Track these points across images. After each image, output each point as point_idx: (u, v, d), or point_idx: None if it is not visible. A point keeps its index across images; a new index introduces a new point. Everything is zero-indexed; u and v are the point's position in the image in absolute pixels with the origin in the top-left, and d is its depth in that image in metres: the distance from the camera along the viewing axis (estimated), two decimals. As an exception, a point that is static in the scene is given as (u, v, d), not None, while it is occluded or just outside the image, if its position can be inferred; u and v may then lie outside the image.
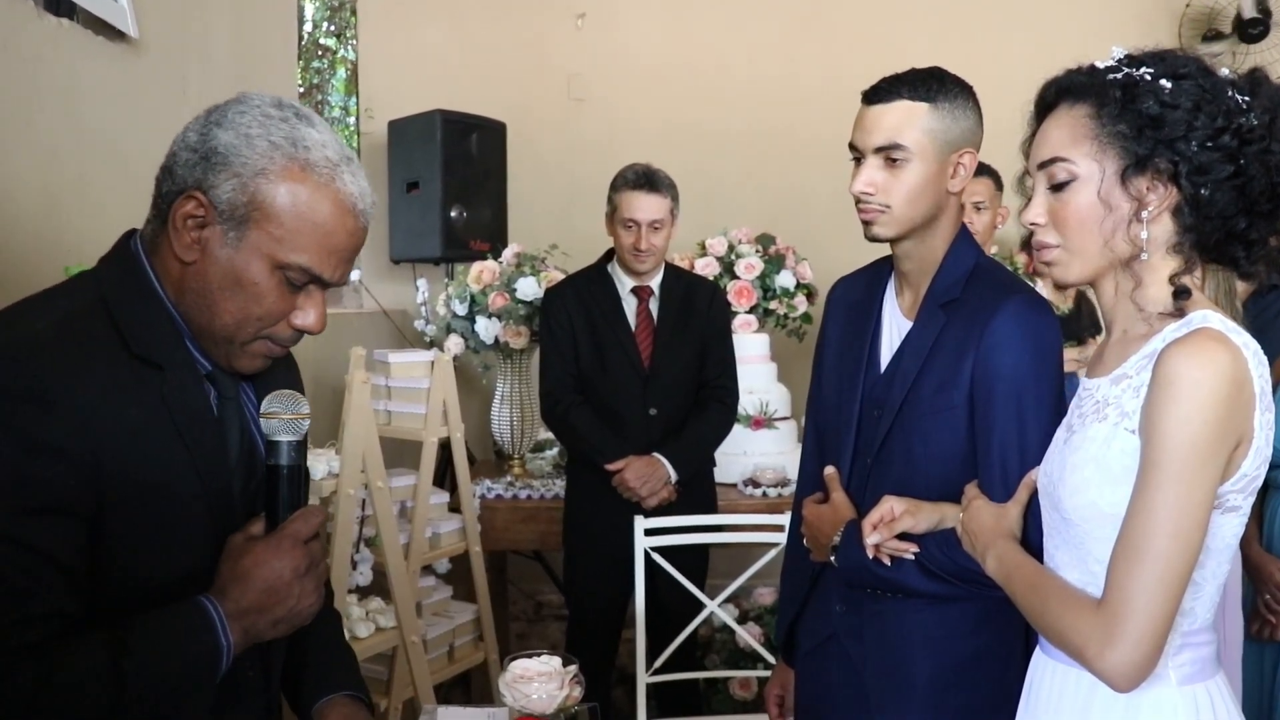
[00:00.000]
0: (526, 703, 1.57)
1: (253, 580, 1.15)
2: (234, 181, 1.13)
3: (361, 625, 2.54)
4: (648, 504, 2.81)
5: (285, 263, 1.15)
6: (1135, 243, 1.22)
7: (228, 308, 1.16)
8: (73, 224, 2.00)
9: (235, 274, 1.15)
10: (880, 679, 1.65)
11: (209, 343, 1.20)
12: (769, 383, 3.67)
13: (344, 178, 1.17)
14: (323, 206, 1.15)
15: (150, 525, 1.12)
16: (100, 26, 2.09)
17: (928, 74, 1.60)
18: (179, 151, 1.16)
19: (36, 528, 1.03)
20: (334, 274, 1.19)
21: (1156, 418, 1.13)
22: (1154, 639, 1.12)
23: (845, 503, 1.68)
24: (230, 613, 1.13)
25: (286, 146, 1.14)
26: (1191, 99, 1.17)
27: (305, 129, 1.16)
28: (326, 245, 1.17)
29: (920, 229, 1.62)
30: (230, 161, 1.13)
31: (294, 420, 1.22)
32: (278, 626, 1.18)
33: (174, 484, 1.14)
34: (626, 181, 2.87)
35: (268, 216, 1.14)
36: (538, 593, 4.56)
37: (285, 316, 1.19)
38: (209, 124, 1.15)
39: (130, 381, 1.11)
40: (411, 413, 2.87)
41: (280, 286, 1.17)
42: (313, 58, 5.16)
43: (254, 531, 1.21)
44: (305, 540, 1.20)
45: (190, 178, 1.14)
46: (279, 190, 1.14)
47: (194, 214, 1.14)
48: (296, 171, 1.14)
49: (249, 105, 1.16)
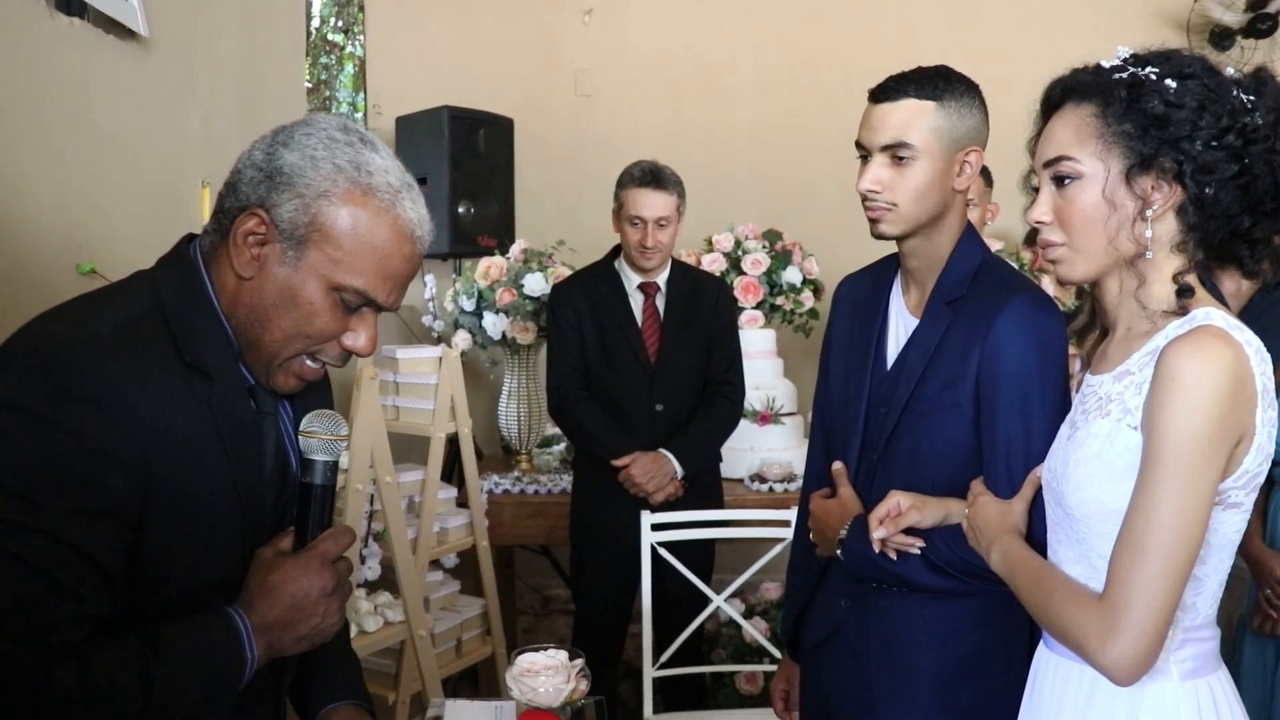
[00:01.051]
0: (533, 696, 1.58)
1: (280, 596, 1.16)
2: (297, 202, 1.14)
3: (370, 619, 2.56)
4: (654, 499, 2.82)
5: (341, 284, 1.16)
6: (1140, 241, 1.22)
7: (281, 324, 1.18)
8: (83, 221, 2.02)
9: (291, 292, 1.16)
10: (885, 673, 1.66)
11: (254, 356, 1.21)
12: (775, 378, 3.68)
13: (404, 204, 1.19)
14: (382, 231, 1.17)
15: (187, 533, 1.13)
16: (111, 25, 2.10)
17: (934, 72, 1.60)
18: (244, 169, 1.18)
19: (85, 529, 1.04)
20: (388, 298, 1.20)
21: (1159, 414, 1.14)
22: (1155, 633, 1.13)
23: (852, 497, 1.69)
24: (257, 626, 1.14)
25: (350, 170, 1.16)
26: (1196, 98, 1.18)
27: (369, 154, 1.18)
28: (383, 269, 1.18)
29: (926, 227, 1.62)
30: (294, 182, 1.14)
31: (332, 441, 1.24)
32: (300, 643, 1.19)
33: (213, 494, 1.15)
34: (633, 179, 2.87)
35: (327, 238, 1.15)
36: (544, 587, 4.57)
37: (337, 337, 1.21)
38: (275, 144, 1.17)
39: (181, 390, 1.12)
40: (419, 408, 2.88)
41: (334, 308, 1.18)
42: (320, 53, 5.17)
43: (283, 546, 1.22)
44: (333, 560, 1.22)
45: (254, 195, 1.15)
46: (340, 213, 1.15)
47: (255, 231, 1.15)
48: (358, 195, 1.16)
49: (315, 128, 1.18)
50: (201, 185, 2.50)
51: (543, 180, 4.52)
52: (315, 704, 1.40)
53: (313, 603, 1.18)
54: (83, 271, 1.97)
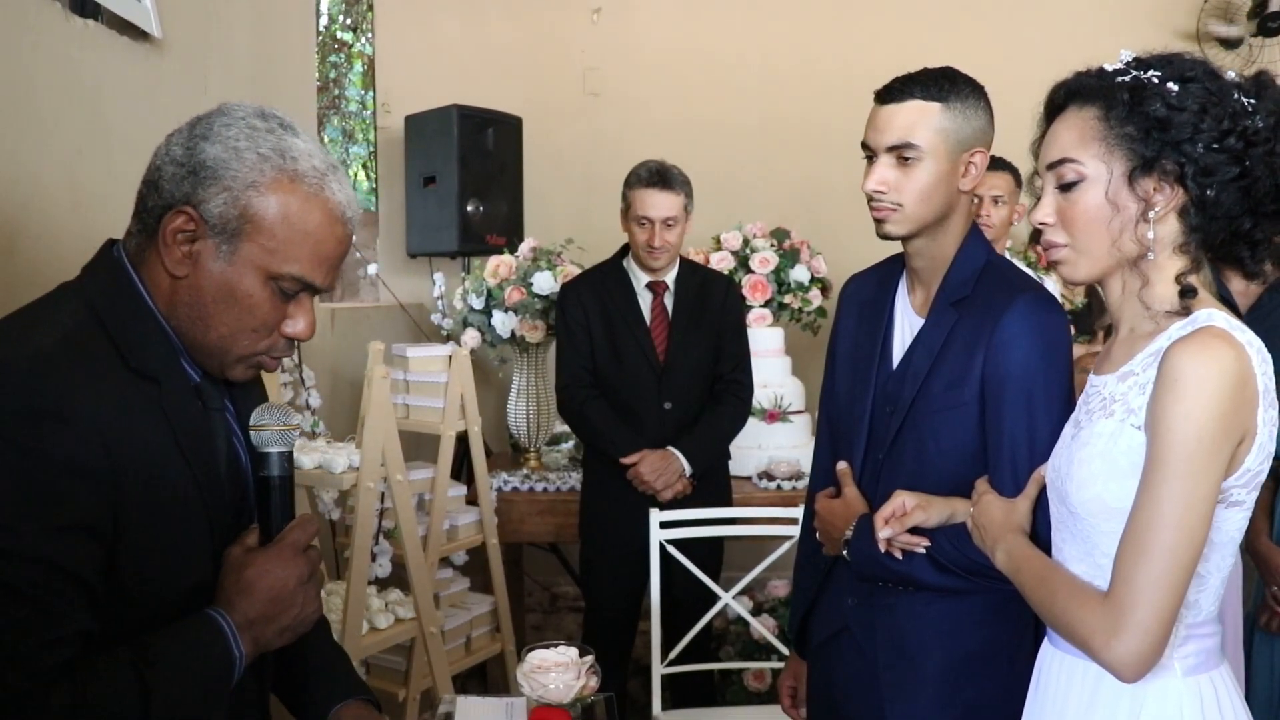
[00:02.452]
0: (544, 693, 1.59)
1: (258, 591, 1.17)
2: (225, 195, 1.13)
3: (381, 616, 2.58)
4: (662, 497, 2.82)
5: (279, 273, 1.16)
6: (1142, 243, 1.23)
7: (223, 320, 1.17)
8: (98, 221, 2.03)
9: (229, 287, 1.15)
10: (891, 671, 1.67)
11: (201, 355, 1.20)
12: (783, 376, 3.69)
13: (331, 186, 1.18)
14: (313, 216, 1.16)
15: (159, 538, 1.12)
16: (124, 27, 2.12)
17: (940, 74, 1.61)
18: (164, 165, 1.15)
19: (64, 546, 1.03)
20: (325, 280, 1.20)
21: (1162, 414, 1.15)
22: (1159, 630, 1.14)
23: (857, 497, 1.70)
24: (239, 624, 1.15)
25: (275, 158, 1.15)
26: (1198, 102, 1.19)
27: (291, 139, 1.17)
28: (318, 254, 1.18)
29: (931, 227, 1.63)
30: (220, 175, 1.13)
31: (284, 431, 1.24)
32: (284, 634, 1.20)
33: (179, 498, 1.15)
34: (640, 179, 2.88)
35: (260, 229, 1.14)
36: (553, 584, 4.59)
37: (277, 326, 1.20)
38: (194, 137, 1.15)
39: (133, 396, 1.11)
40: (429, 406, 2.90)
41: (273, 297, 1.18)
42: (329, 52, 5.19)
43: (250, 543, 1.22)
44: (303, 549, 1.23)
45: (179, 192, 1.14)
46: (270, 202, 1.14)
47: (184, 228, 1.14)
48: (286, 183, 1.15)
49: (233, 117, 1.16)
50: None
51: (551, 179, 4.53)
52: (321, 704, 1.39)
53: (290, 593, 1.19)
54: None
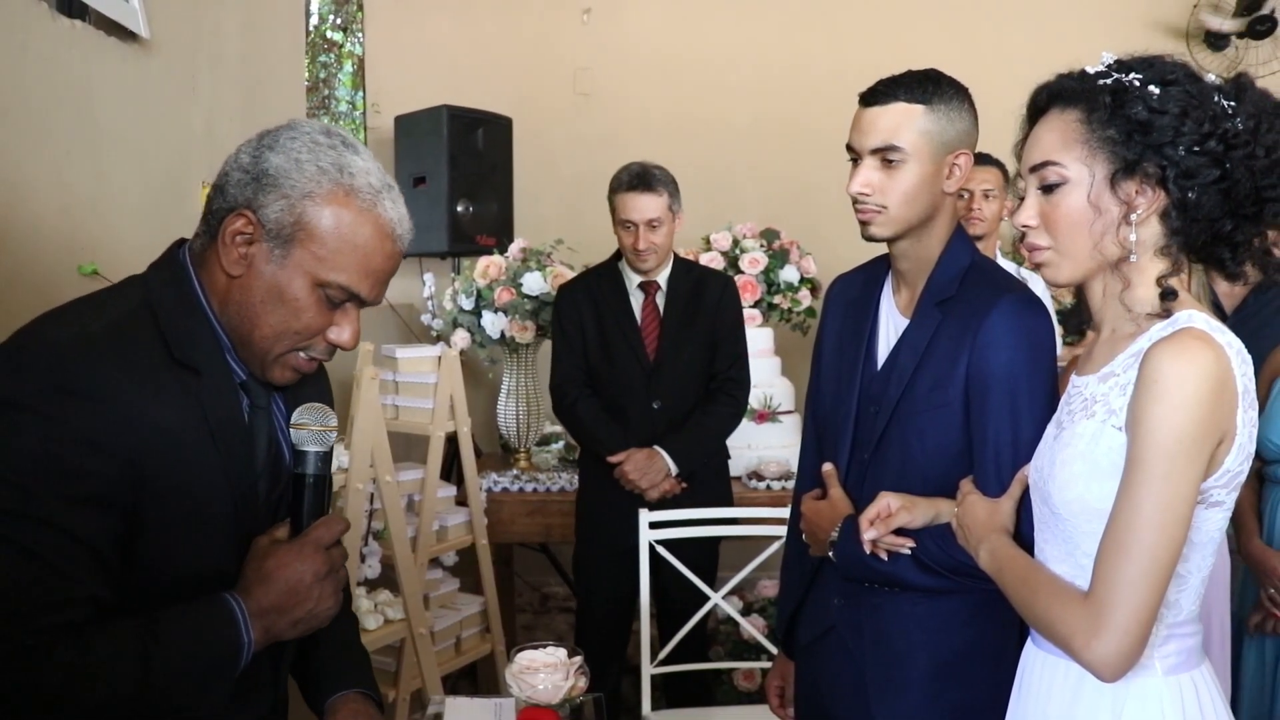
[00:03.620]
0: (533, 693, 1.59)
1: (275, 581, 1.21)
2: (282, 202, 1.19)
3: (370, 617, 2.58)
4: (649, 496, 2.82)
5: (326, 281, 1.22)
6: (1124, 245, 1.24)
7: (268, 320, 1.22)
8: (87, 222, 2.03)
9: (278, 289, 1.21)
10: (878, 670, 1.67)
11: (247, 353, 1.26)
12: (773, 376, 3.70)
13: (385, 204, 1.24)
14: (364, 230, 1.22)
15: (181, 522, 1.18)
16: (112, 27, 2.12)
17: (924, 76, 1.62)
18: (231, 171, 1.23)
19: (79, 516, 1.09)
20: (371, 293, 1.26)
21: (1142, 415, 1.16)
22: (1139, 629, 1.15)
23: (843, 498, 1.71)
24: (253, 611, 1.18)
25: (333, 172, 1.21)
26: (1179, 105, 1.20)
27: (351, 156, 1.23)
28: (365, 266, 1.23)
29: (916, 229, 1.64)
30: (280, 183, 1.20)
31: (322, 432, 1.29)
32: (296, 627, 1.24)
33: (204, 485, 1.20)
34: (621, 183, 2.87)
35: (312, 237, 1.20)
36: (543, 585, 4.59)
37: (322, 332, 1.25)
38: (261, 147, 1.22)
39: (171, 386, 1.17)
40: (419, 407, 2.90)
41: (319, 304, 1.23)
42: (319, 52, 5.18)
43: (278, 535, 1.27)
44: (327, 546, 1.26)
45: (241, 197, 1.20)
46: (324, 213, 1.20)
47: (243, 231, 1.20)
48: (341, 196, 1.21)
49: (299, 131, 1.23)
50: (202, 186, 2.52)
51: (541, 179, 4.54)
52: (324, 692, 1.43)
53: (307, 587, 1.23)
54: (85, 273, 1.99)
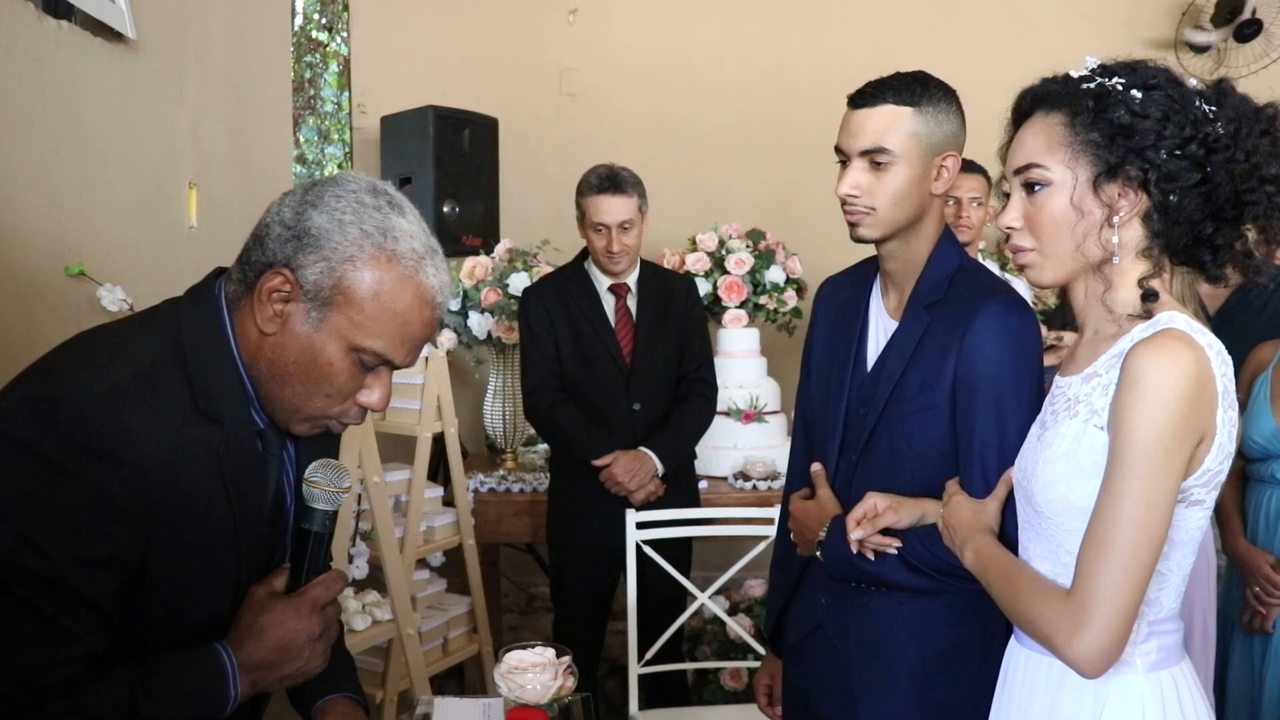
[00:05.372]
0: (521, 693, 1.59)
1: (268, 638, 1.20)
2: (322, 265, 1.16)
3: (358, 618, 2.58)
4: (636, 498, 2.82)
5: (361, 346, 1.19)
6: (1106, 247, 1.26)
7: (299, 381, 1.20)
8: (73, 224, 2.03)
9: (312, 352, 1.19)
10: (865, 669, 1.68)
11: (272, 407, 1.23)
12: (759, 377, 3.70)
13: (427, 270, 1.21)
14: (404, 297, 1.19)
15: (185, 576, 1.17)
16: (98, 28, 2.11)
17: (912, 78, 1.63)
18: (273, 224, 1.19)
19: (88, 576, 1.07)
20: (404, 359, 1.23)
21: (1123, 415, 1.18)
22: (1120, 627, 1.16)
23: (831, 499, 1.72)
24: (243, 665, 1.18)
25: (376, 235, 1.18)
26: (1161, 109, 1.21)
27: (396, 219, 1.20)
28: (402, 333, 1.20)
29: (905, 231, 1.65)
30: (321, 244, 1.16)
31: (335, 493, 1.27)
32: (283, 682, 1.24)
33: (214, 540, 1.19)
34: (591, 186, 2.88)
35: (350, 301, 1.17)
36: (530, 585, 4.59)
37: (352, 395, 1.23)
38: (305, 203, 1.19)
39: (192, 439, 1.15)
40: (406, 408, 2.89)
41: (353, 367, 1.21)
42: (305, 52, 5.17)
43: (276, 586, 1.26)
44: (323, 606, 1.26)
45: (281, 253, 1.17)
46: (364, 277, 1.17)
47: (280, 289, 1.17)
48: (383, 261, 1.18)
49: (345, 189, 1.20)
50: (189, 186, 2.52)
51: (527, 180, 4.53)
52: (311, 696, 1.43)
53: (299, 647, 1.22)
54: (71, 273, 1.99)
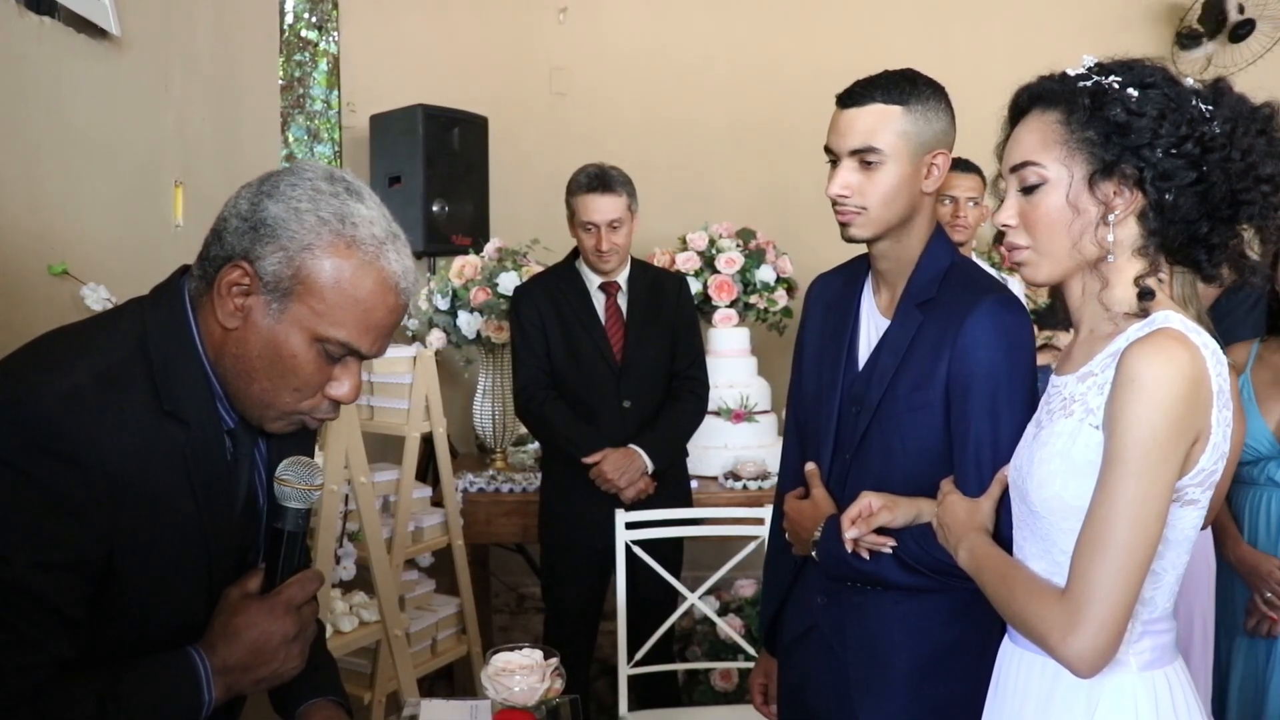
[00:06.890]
0: (509, 695, 1.59)
1: (242, 640, 1.18)
2: (280, 255, 1.14)
3: (345, 619, 2.56)
4: (626, 496, 2.82)
5: (325, 336, 1.16)
6: (1102, 245, 1.25)
7: (265, 375, 1.18)
8: (57, 223, 2.01)
9: (275, 344, 1.16)
10: (861, 668, 1.68)
11: (242, 405, 1.21)
12: (749, 376, 3.70)
13: (388, 255, 1.18)
14: (365, 283, 1.16)
15: (153, 578, 1.15)
16: (82, 24, 2.09)
17: (901, 76, 1.62)
18: (230, 218, 1.17)
19: (51, 581, 1.06)
20: (371, 348, 1.20)
21: (1118, 414, 1.17)
22: (1115, 626, 1.16)
23: (825, 498, 1.71)
24: (216, 668, 1.16)
25: (334, 222, 1.15)
26: (1157, 107, 1.21)
27: (354, 205, 1.17)
28: (366, 321, 1.18)
29: (896, 229, 1.64)
30: (278, 234, 1.14)
31: (306, 490, 1.25)
32: (259, 685, 1.21)
33: (181, 541, 1.16)
34: (580, 185, 2.89)
35: (310, 291, 1.15)
36: (520, 585, 4.58)
37: (321, 387, 1.21)
38: (260, 194, 1.16)
39: (156, 439, 1.13)
40: (394, 408, 2.88)
41: (318, 359, 1.18)
42: (294, 51, 5.14)
43: (250, 587, 1.24)
44: (298, 606, 1.24)
45: (239, 246, 1.15)
46: (324, 265, 1.14)
47: (239, 282, 1.15)
48: (342, 248, 1.15)
49: (301, 177, 1.17)
50: (175, 185, 2.49)
51: (517, 179, 4.52)
52: (293, 701, 1.41)
53: (274, 648, 1.20)
54: (54, 272, 1.97)
